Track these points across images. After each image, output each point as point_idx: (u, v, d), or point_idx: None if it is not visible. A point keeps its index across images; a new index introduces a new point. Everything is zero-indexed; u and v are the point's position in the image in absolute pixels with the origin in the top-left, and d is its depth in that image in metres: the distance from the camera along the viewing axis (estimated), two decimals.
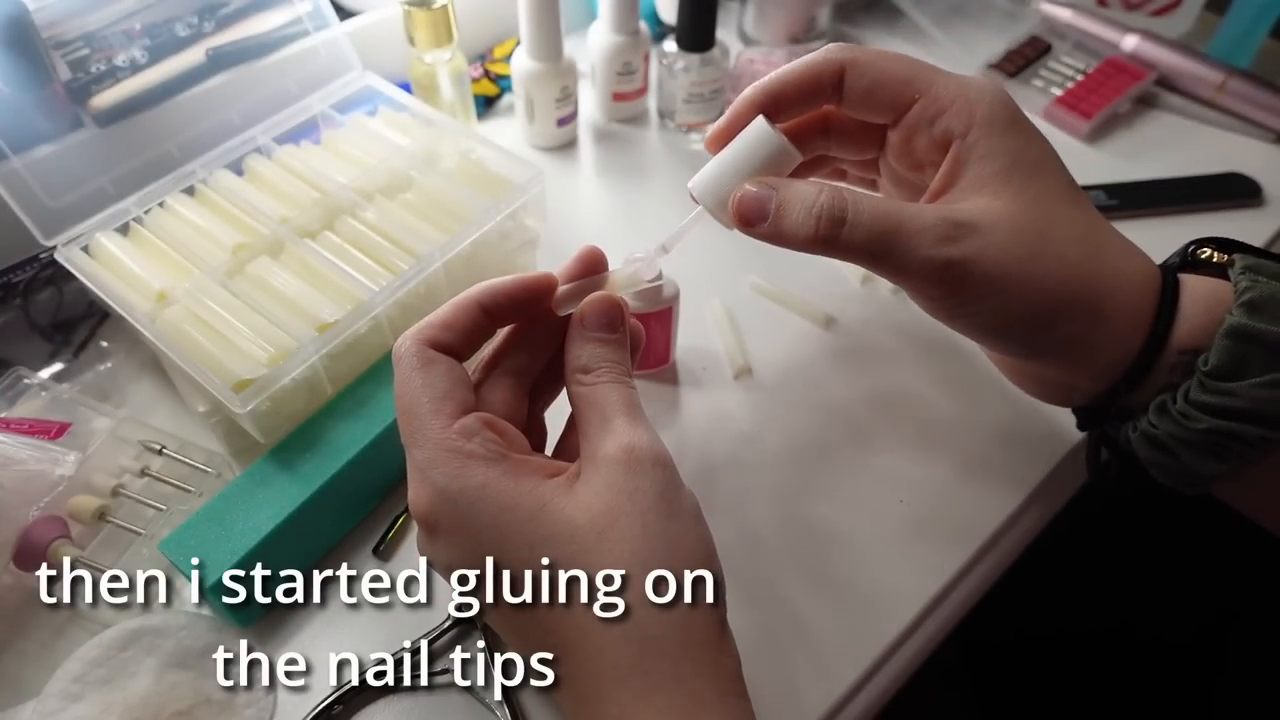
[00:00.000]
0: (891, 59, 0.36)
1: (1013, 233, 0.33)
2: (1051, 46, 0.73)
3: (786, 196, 0.33)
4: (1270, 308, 0.33)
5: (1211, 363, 0.33)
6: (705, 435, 0.47)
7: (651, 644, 0.28)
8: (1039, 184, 0.34)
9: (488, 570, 0.30)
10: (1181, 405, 0.34)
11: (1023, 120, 0.35)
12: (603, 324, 0.33)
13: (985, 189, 0.34)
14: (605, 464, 0.30)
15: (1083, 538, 0.58)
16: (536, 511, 0.29)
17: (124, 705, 0.36)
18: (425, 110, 0.54)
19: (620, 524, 0.29)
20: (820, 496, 0.44)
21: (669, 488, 0.30)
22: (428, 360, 0.32)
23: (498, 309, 0.33)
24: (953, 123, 0.34)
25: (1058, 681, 0.64)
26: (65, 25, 0.47)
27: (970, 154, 0.34)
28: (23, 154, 0.45)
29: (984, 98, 0.34)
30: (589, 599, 0.28)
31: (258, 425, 0.41)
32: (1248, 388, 0.32)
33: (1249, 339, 0.32)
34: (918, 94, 0.35)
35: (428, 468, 0.30)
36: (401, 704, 0.38)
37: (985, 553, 0.43)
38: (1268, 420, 0.32)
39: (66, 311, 0.52)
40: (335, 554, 0.42)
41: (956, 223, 0.33)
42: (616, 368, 0.33)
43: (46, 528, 0.39)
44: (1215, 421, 0.33)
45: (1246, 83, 0.66)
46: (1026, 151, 0.34)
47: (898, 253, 0.33)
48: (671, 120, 0.67)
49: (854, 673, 0.38)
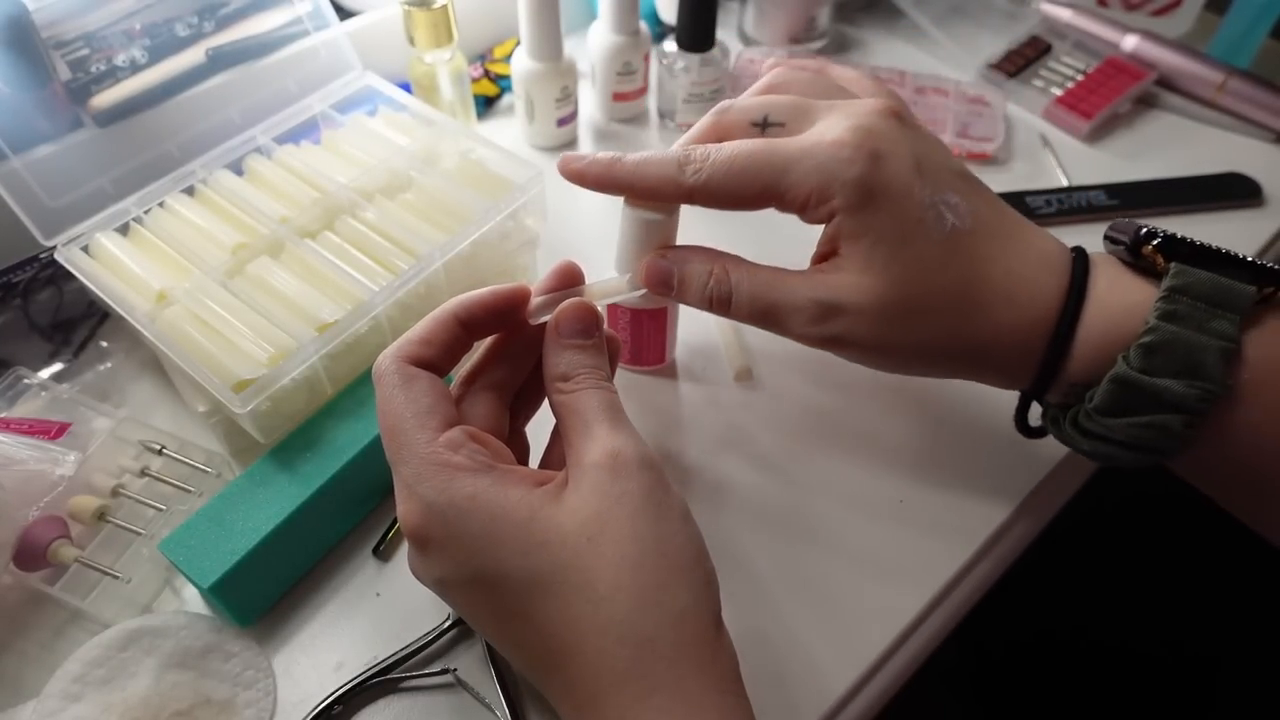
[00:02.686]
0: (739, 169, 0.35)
1: (879, 311, 0.35)
2: (1051, 46, 0.73)
3: (684, 274, 0.38)
4: (1167, 352, 0.33)
5: (1095, 402, 0.34)
6: (705, 435, 0.47)
7: (647, 645, 0.28)
8: (906, 255, 0.35)
9: (478, 584, 0.30)
10: (1067, 429, 0.36)
11: (882, 190, 0.34)
12: (577, 330, 0.33)
13: (854, 266, 0.35)
14: (591, 470, 0.30)
15: (1084, 538, 0.58)
16: (527, 520, 0.29)
17: (124, 705, 0.36)
18: (425, 110, 0.54)
19: (609, 528, 0.29)
20: (820, 496, 0.44)
21: (656, 489, 0.30)
22: (408, 377, 0.32)
23: (474, 321, 0.34)
24: (819, 212, 0.35)
25: (1059, 683, 0.64)
26: (65, 25, 0.47)
27: (838, 232, 0.36)
28: (23, 154, 0.45)
29: (836, 180, 0.34)
30: (583, 604, 0.28)
31: (258, 425, 0.41)
32: (1125, 425, 0.34)
33: (1133, 388, 0.33)
34: (776, 195, 0.36)
35: (415, 483, 0.30)
36: (401, 704, 0.38)
37: (985, 553, 0.43)
38: (1148, 449, 0.34)
39: (66, 311, 0.52)
40: (335, 554, 0.42)
41: (826, 304, 0.35)
42: (595, 373, 0.33)
43: (46, 528, 0.39)
44: (1095, 445, 0.35)
45: (1246, 83, 0.66)
46: (889, 226, 0.35)
47: (777, 328, 0.37)
48: (671, 120, 0.67)
49: (853, 673, 0.38)
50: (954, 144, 0.64)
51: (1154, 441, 0.34)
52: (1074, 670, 0.63)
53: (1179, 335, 0.33)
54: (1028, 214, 0.59)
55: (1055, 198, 0.61)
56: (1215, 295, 0.33)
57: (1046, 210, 0.60)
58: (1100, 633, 0.64)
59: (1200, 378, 0.33)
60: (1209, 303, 0.33)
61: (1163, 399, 0.33)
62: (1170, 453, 0.34)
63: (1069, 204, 0.60)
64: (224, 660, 0.38)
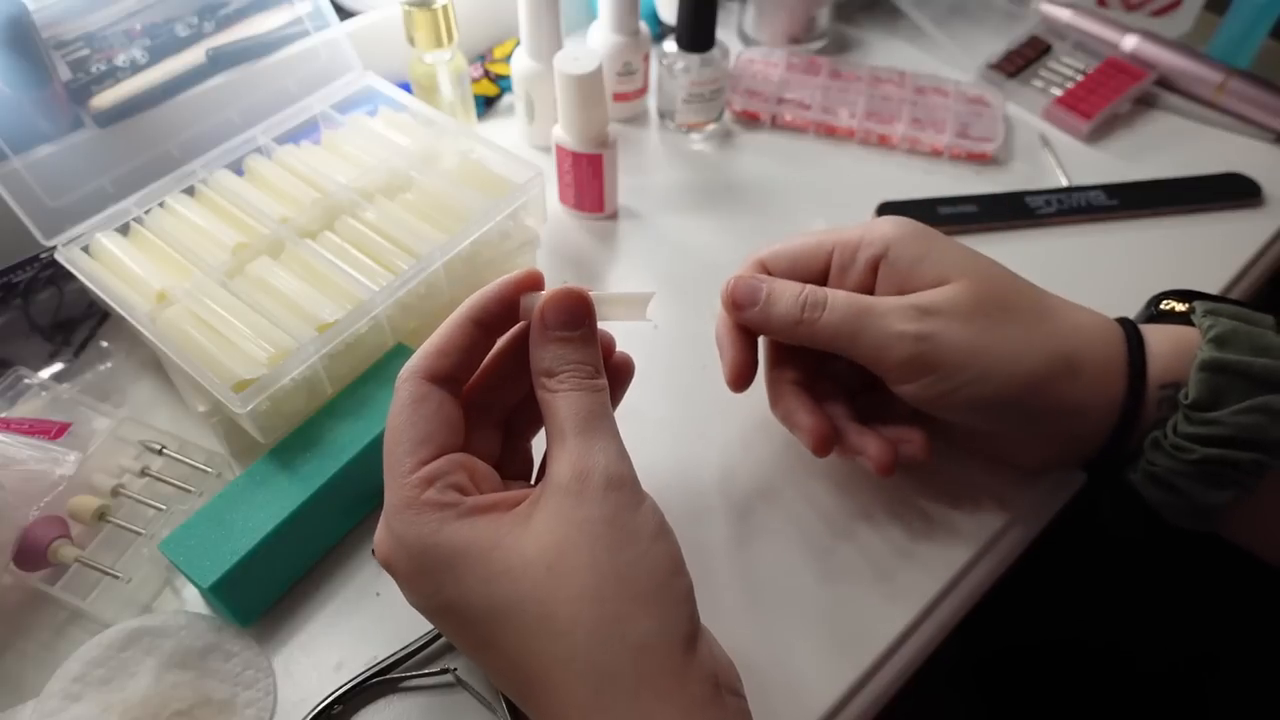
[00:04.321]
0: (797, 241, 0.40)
1: (973, 306, 0.36)
2: (1051, 46, 0.73)
3: (775, 287, 0.38)
4: (1236, 341, 0.35)
5: (1191, 396, 0.35)
6: (712, 430, 0.47)
7: (608, 680, 0.27)
8: (976, 264, 0.38)
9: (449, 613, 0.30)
10: (1172, 439, 0.35)
11: (927, 229, 0.39)
12: (563, 320, 0.32)
13: (930, 284, 0.37)
14: (556, 491, 0.29)
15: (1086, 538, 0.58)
16: (489, 550, 0.29)
17: (124, 705, 0.36)
18: (425, 110, 0.54)
19: (569, 556, 0.28)
20: (820, 496, 0.44)
21: (620, 512, 0.29)
22: (419, 398, 0.32)
23: (490, 319, 0.33)
24: (871, 250, 0.38)
25: (1060, 683, 0.64)
26: (65, 25, 0.47)
27: (897, 264, 0.37)
28: (23, 154, 0.45)
29: (889, 222, 0.39)
30: (543, 638, 0.28)
31: (258, 425, 0.41)
32: (1229, 415, 0.34)
33: (1223, 370, 0.34)
34: (829, 248, 0.39)
35: (390, 514, 0.30)
36: (401, 704, 0.38)
37: (985, 553, 0.43)
38: (1255, 444, 0.34)
39: (66, 311, 0.52)
40: (335, 554, 0.42)
41: (920, 306, 0.36)
42: (581, 369, 0.31)
43: (46, 528, 0.39)
44: (1206, 450, 0.34)
45: (1246, 83, 0.66)
46: (948, 247, 0.38)
47: (872, 330, 0.36)
48: (671, 120, 0.67)
49: (853, 673, 0.38)
50: (954, 144, 0.64)
51: (1261, 429, 0.34)
52: (1075, 672, 0.63)
53: (1238, 328, 0.35)
54: (1028, 214, 0.60)
55: (1055, 198, 0.61)
56: (1240, 314, 0.37)
57: (1046, 210, 0.60)
58: (1102, 633, 0.64)
59: (1276, 356, 0.34)
60: (1237, 318, 0.36)
61: (1254, 374, 0.34)
62: (1275, 446, 0.34)
63: (1069, 204, 0.60)
64: (224, 660, 0.38)
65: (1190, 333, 0.37)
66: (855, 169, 0.65)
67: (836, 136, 0.67)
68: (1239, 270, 0.57)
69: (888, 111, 0.66)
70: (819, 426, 0.39)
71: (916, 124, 0.65)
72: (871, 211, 0.60)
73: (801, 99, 0.67)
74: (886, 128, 0.65)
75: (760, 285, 0.38)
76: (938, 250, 0.37)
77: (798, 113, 0.67)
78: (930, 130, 0.65)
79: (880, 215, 0.60)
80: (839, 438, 0.39)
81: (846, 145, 0.67)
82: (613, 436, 0.31)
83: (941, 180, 0.64)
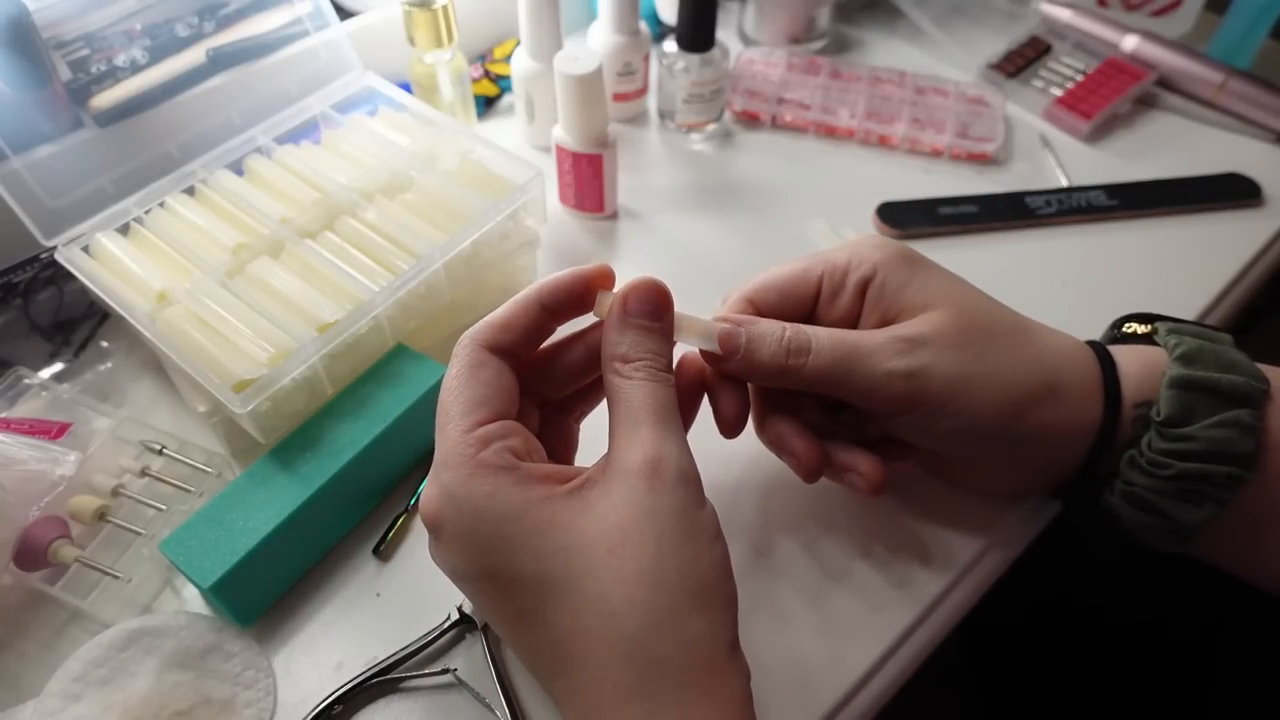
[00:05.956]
0: (784, 270, 0.39)
1: (959, 336, 0.36)
2: (1051, 47, 0.73)
3: (755, 333, 0.36)
4: (1202, 358, 0.35)
5: (1163, 413, 0.35)
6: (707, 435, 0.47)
7: (655, 667, 0.27)
8: (960, 293, 0.37)
9: (491, 581, 0.30)
10: (1149, 455, 0.35)
11: (912, 251, 0.38)
12: (646, 310, 0.33)
13: (915, 311, 0.37)
14: (628, 476, 0.29)
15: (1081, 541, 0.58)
16: (545, 525, 0.29)
17: (124, 705, 0.36)
18: (425, 110, 0.54)
19: (633, 541, 0.28)
20: (821, 494, 0.44)
21: (689, 506, 0.29)
22: (477, 364, 0.32)
23: (557, 305, 0.34)
24: (860, 272, 0.37)
25: (1060, 681, 0.64)
26: (65, 25, 0.47)
27: (885, 288, 0.37)
28: (23, 154, 0.45)
29: (876, 245, 0.38)
30: (595, 615, 0.28)
31: (258, 425, 0.41)
32: (1200, 430, 0.34)
33: (1191, 387, 0.35)
34: (818, 274, 0.38)
35: (441, 467, 0.30)
36: (402, 704, 0.38)
37: (985, 552, 0.43)
38: (1228, 457, 0.34)
39: (67, 311, 0.52)
40: (335, 554, 0.42)
41: (906, 338, 0.35)
42: (657, 360, 0.32)
43: (47, 528, 0.39)
44: (1183, 465, 0.34)
45: (1246, 83, 0.66)
46: (933, 273, 0.38)
47: (859, 372, 0.35)
48: (671, 120, 0.67)
49: (859, 669, 0.38)
50: (953, 144, 0.64)
51: (1232, 443, 0.34)
52: (1075, 668, 0.63)
53: (1204, 345, 0.36)
54: (1028, 214, 0.60)
55: (1055, 198, 0.61)
56: (1202, 333, 0.37)
57: (1046, 210, 0.60)
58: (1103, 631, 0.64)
59: (1240, 373, 0.35)
60: (1200, 337, 0.37)
61: (1221, 389, 0.34)
62: (1247, 460, 0.34)
63: (1069, 204, 0.60)
64: (224, 660, 0.38)
65: (1156, 352, 0.37)
66: (855, 169, 0.65)
67: (837, 137, 0.67)
68: (1239, 270, 0.57)
69: (888, 112, 0.66)
70: (810, 453, 0.37)
71: (916, 124, 0.65)
72: (872, 211, 0.60)
73: (801, 99, 0.67)
74: (886, 128, 0.65)
75: (739, 333, 0.35)
76: (921, 276, 0.37)
77: (798, 113, 0.67)
78: (930, 130, 0.65)
79: (881, 215, 0.60)
80: (827, 459, 0.38)
81: (847, 145, 0.67)
82: (682, 433, 0.31)
83: (941, 180, 0.64)
